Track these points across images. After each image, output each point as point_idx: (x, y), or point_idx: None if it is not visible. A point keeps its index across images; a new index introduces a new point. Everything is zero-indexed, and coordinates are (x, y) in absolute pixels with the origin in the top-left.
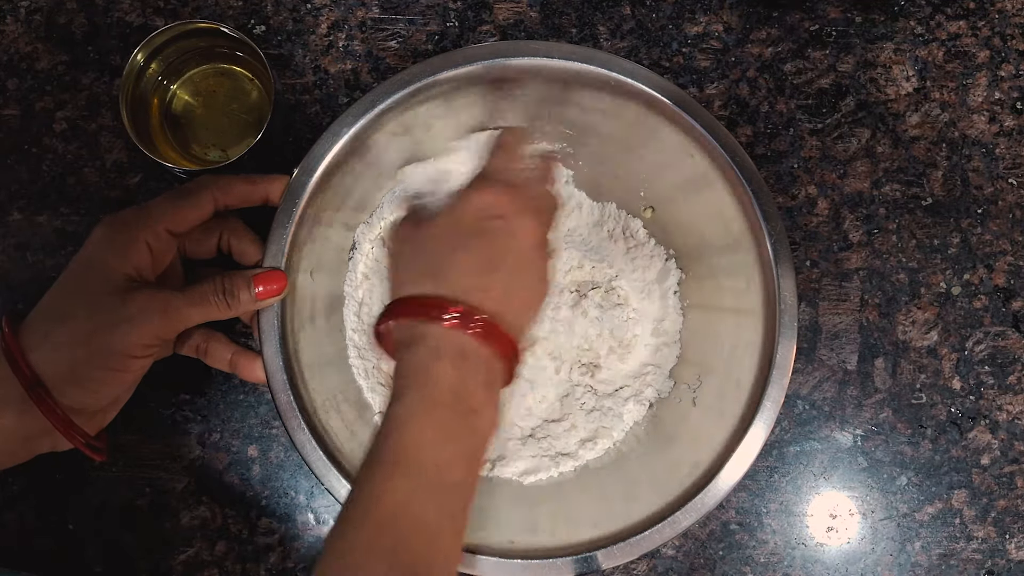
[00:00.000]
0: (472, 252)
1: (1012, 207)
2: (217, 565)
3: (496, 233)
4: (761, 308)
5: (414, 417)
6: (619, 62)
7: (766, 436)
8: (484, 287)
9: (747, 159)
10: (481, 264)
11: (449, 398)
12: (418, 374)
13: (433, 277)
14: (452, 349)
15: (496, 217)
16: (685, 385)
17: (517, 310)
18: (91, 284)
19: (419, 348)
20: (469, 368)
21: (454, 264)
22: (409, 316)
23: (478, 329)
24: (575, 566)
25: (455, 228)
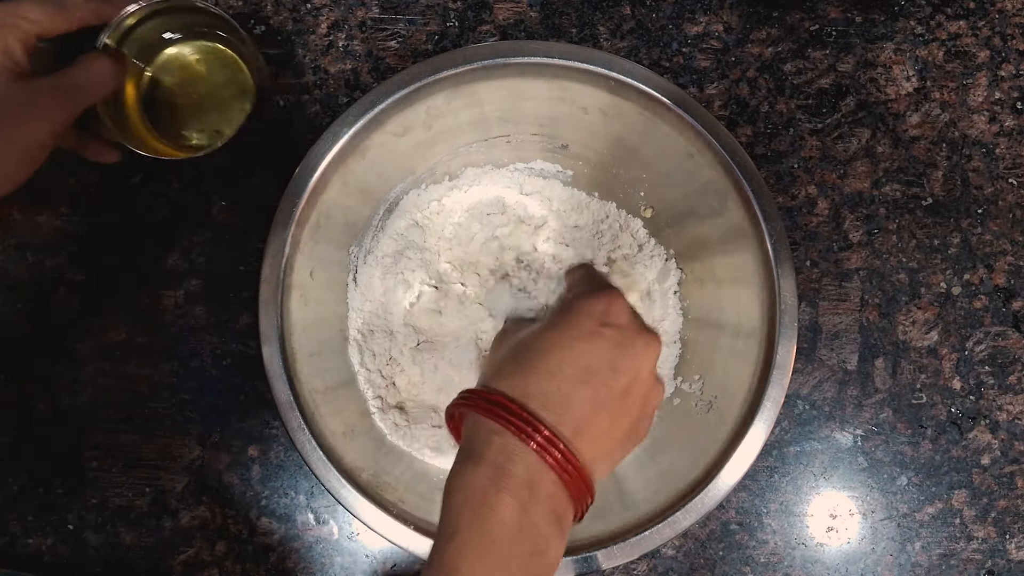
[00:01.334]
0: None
1: (1012, 207)
2: (217, 565)
3: (605, 341)
4: (761, 308)
5: (470, 564)
6: (619, 62)
7: (766, 436)
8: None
9: (747, 159)
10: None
11: (510, 538)
12: (476, 504)
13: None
14: (522, 475)
15: (608, 325)
16: (686, 385)
17: (602, 444)
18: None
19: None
20: (537, 501)
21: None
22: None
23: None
24: (575, 566)
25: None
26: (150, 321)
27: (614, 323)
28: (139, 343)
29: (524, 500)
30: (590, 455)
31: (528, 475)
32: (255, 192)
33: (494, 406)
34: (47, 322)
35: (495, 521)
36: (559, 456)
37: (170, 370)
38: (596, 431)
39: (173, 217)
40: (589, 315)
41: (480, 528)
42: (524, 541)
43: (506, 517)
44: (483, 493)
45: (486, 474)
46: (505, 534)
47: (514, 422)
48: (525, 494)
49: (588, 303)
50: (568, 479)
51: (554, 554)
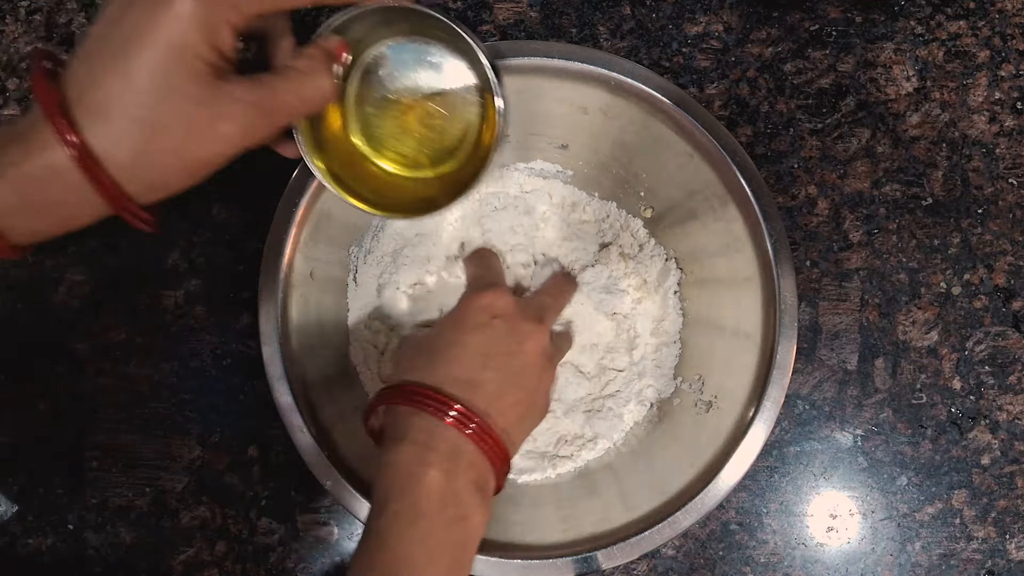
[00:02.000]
0: (468, 347)
1: (1012, 207)
2: (217, 565)
3: (496, 330)
4: (761, 308)
5: (398, 533)
6: (619, 62)
7: (766, 436)
8: (476, 383)
9: (747, 159)
10: (476, 359)
11: (436, 506)
12: (403, 479)
13: (428, 367)
14: (443, 448)
15: (496, 316)
16: (686, 385)
17: (510, 417)
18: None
19: (406, 446)
20: (459, 471)
21: (449, 357)
22: (404, 404)
23: (472, 429)
24: (575, 566)
25: (454, 325)
26: (150, 321)
27: (500, 314)
28: (139, 343)
29: (447, 471)
30: (503, 426)
31: (449, 448)
32: (255, 192)
33: (410, 394)
34: (47, 322)
35: (422, 492)
36: (475, 427)
37: (170, 370)
38: (503, 406)
39: (173, 217)
40: (479, 310)
41: (408, 499)
42: (448, 508)
43: (432, 487)
44: (409, 467)
45: (411, 451)
46: (431, 503)
47: (431, 404)
48: (448, 465)
49: (477, 300)
50: (486, 448)
51: (477, 521)
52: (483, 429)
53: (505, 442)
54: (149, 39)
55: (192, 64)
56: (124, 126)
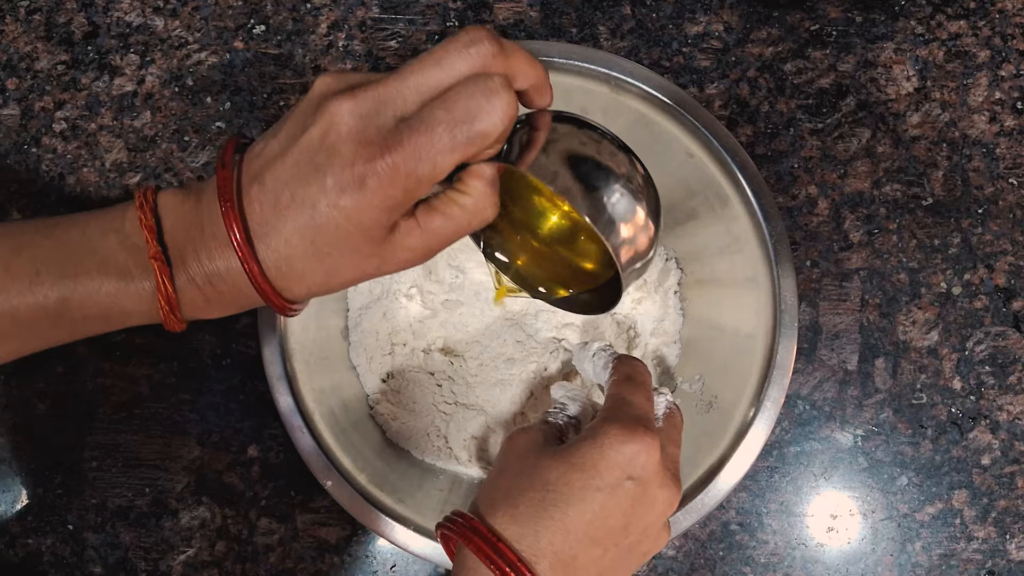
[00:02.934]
0: (586, 514)
1: (1012, 207)
2: (217, 565)
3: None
4: (761, 308)
5: None
6: (619, 62)
7: (766, 436)
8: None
9: (747, 159)
10: (588, 531)
11: None
12: None
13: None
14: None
15: (631, 478)
16: (686, 385)
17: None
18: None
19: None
20: None
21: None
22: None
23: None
24: None
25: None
26: None
27: (639, 476)
28: (139, 343)
29: None
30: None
31: None
32: None
33: (496, 555)
34: None
35: None
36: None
37: (170, 370)
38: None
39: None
40: (616, 464)
41: None
42: None
43: None
44: None
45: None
46: None
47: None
48: None
49: (619, 448)
50: None
51: None
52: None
53: None
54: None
55: (372, 232)
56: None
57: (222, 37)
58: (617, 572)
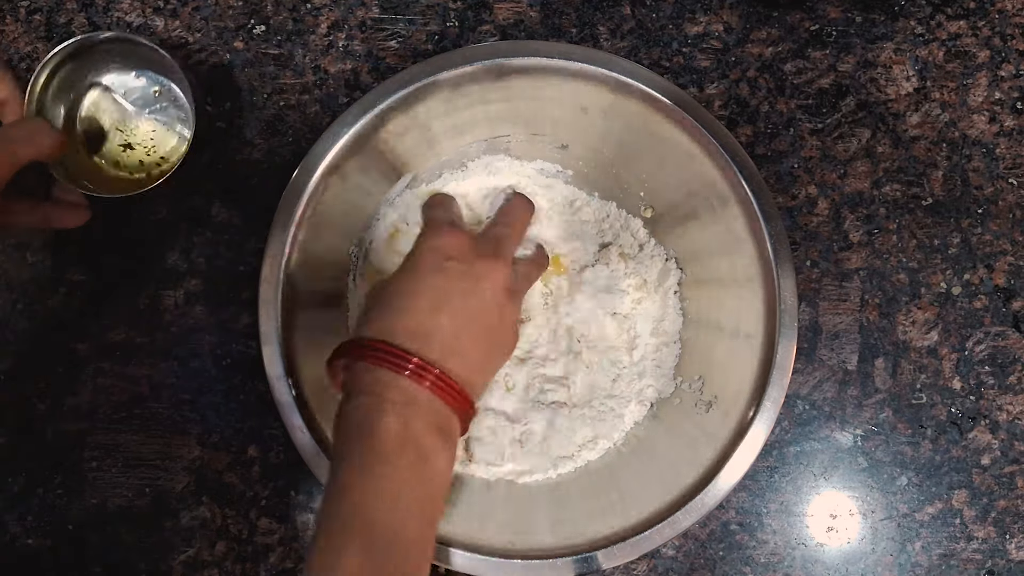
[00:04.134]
0: (421, 295)
1: (1012, 207)
2: (217, 565)
3: (450, 273)
4: (761, 308)
5: (360, 478)
6: (619, 62)
7: (766, 436)
8: (430, 331)
9: (747, 159)
10: (428, 305)
11: (394, 449)
12: (361, 427)
13: (381, 319)
14: (398, 398)
15: (450, 258)
16: (686, 385)
17: (471, 361)
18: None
19: (362, 398)
20: (416, 415)
21: (401, 307)
22: (359, 359)
23: (429, 380)
24: (575, 566)
25: (408, 272)
26: (150, 321)
27: (454, 255)
28: (139, 343)
29: (403, 416)
30: (463, 372)
31: (404, 397)
32: (255, 192)
33: (364, 349)
34: (47, 322)
35: (379, 438)
36: (433, 379)
37: (170, 370)
38: (462, 349)
39: (173, 217)
40: (431, 252)
41: (366, 445)
42: (408, 450)
43: (388, 432)
44: (365, 417)
45: (366, 403)
46: (389, 446)
47: (384, 359)
48: (404, 411)
49: (429, 242)
50: (445, 395)
51: (442, 461)
52: (438, 378)
53: (466, 386)
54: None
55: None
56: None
57: (222, 37)
58: (475, 332)
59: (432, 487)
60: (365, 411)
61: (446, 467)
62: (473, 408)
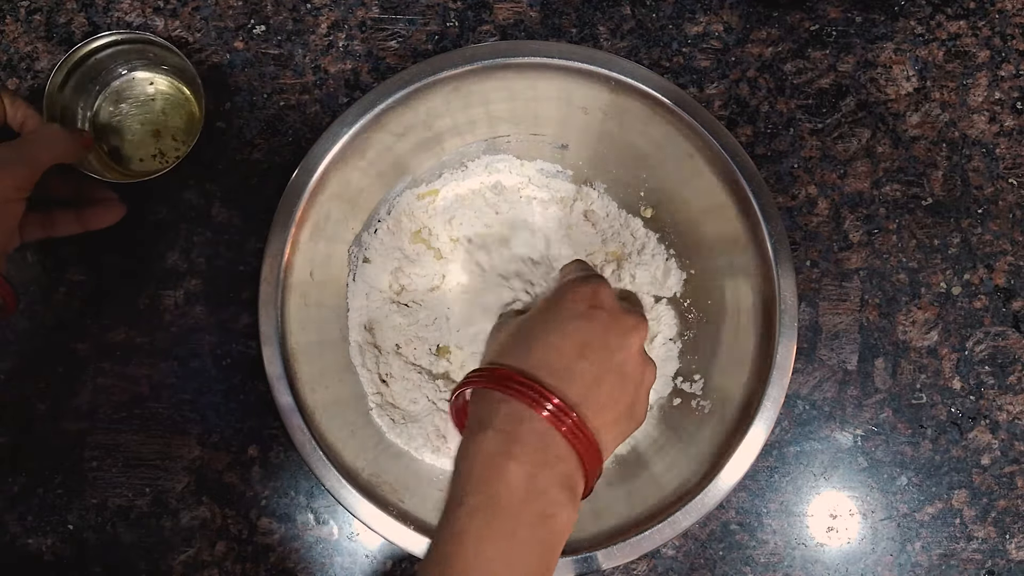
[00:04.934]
0: (567, 335)
1: (1012, 207)
2: (217, 565)
3: (597, 321)
4: (761, 308)
5: (477, 529)
6: (619, 62)
7: (766, 436)
8: (573, 373)
9: (747, 159)
10: (575, 348)
11: (519, 501)
12: (483, 469)
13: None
14: (531, 440)
15: (597, 307)
16: (686, 385)
17: (606, 417)
18: None
19: (490, 434)
20: (547, 464)
21: (545, 343)
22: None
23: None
24: (575, 566)
25: (552, 311)
26: (150, 321)
27: (602, 306)
28: (139, 343)
29: (533, 465)
30: (596, 425)
31: (537, 441)
32: (255, 192)
33: (501, 378)
34: (47, 322)
35: (503, 485)
36: (571, 424)
37: (170, 370)
38: (599, 402)
39: (173, 217)
40: (579, 299)
41: (488, 492)
42: (532, 505)
43: (514, 481)
44: (491, 459)
45: (495, 439)
46: (513, 498)
47: (523, 391)
48: (534, 458)
49: (577, 288)
50: (579, 445)
51: (564, 520)
52: (577, 424)
53: (598, 441)
54: None
55: None
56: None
57: (222, 37)
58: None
59: (551, 548)
60: (491, 451)
61: (567, 527)
62: (601, 466)
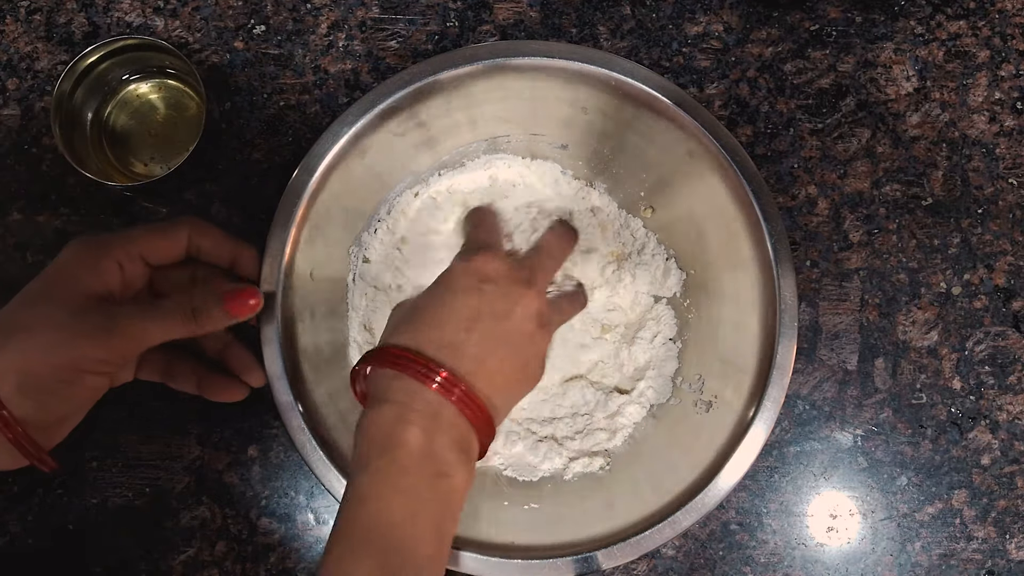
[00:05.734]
0: (454, 310)
1: (1012, 207)
2: (217, 565)
3: (484, 295)
4: (761, 308)
5: (381, 490)
6: (619, 62)
7: (766, 436)
8: (460, 347)
9: (747, 159)
10: (462, 322)
11: (416, 463)
12: (383, 438)
13: (412, 331)
14: (423, 409)
15: (486, 281)
16: (686, 385)
17: (496, 383)
18: (56, 296)
19: (388, 407)
20: (440, 429)
21: (433, 320)
22: (386, 366)
23: (455, 394)
24: (575, 566)
25: (442, 289)
26: None
27: (491, 278)
28: None
29: (427, 429)
30: (489, 392)
31: (429, 408)
32: (255, 192)
33: (393, 357)
34: None
35: (402, 450)
36: (459, 393)
37: None
38: (487, 370)
39: (173, 217)
40: (467, 272)
41: (389, 456)
42: (429, 465)
43: (412, 445)
44: (390, 427)
45: (392, 410)
46: (412, 460)
47: (412, 367)
48: (428, 425)
49: (466, 262)
50: (469, 412)
51: (459, 480)
52: (465, 394)
53: (488, 407)
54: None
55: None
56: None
57: (222, 37)
58: (504, 355)
59: (449, 505)
60: (389, 421)
61: (463, 486)
62: (493, 429)
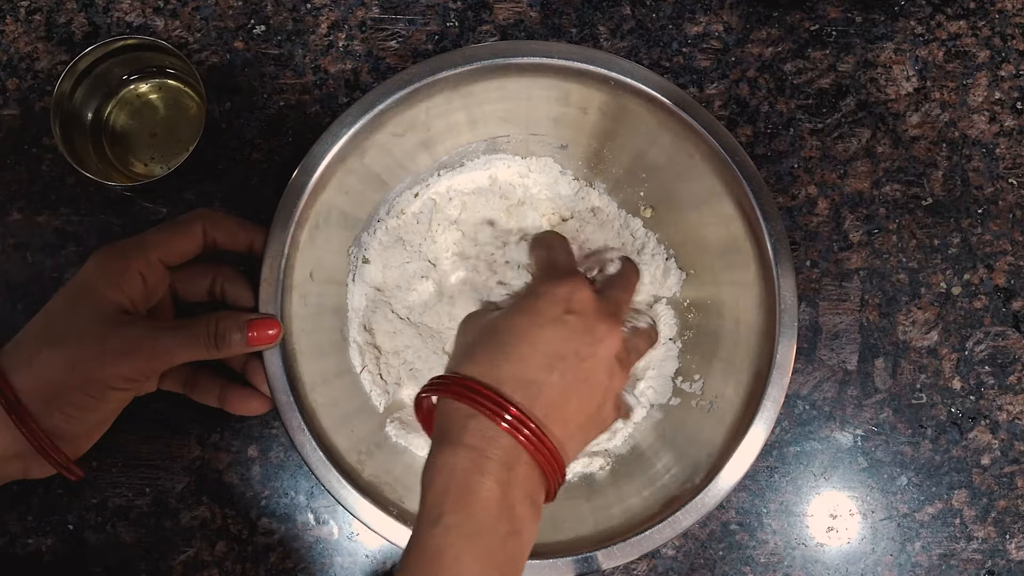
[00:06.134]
0: (537, 344)
1: (1012, 207)
2: (217, 565)
3: (569, 328)
4: (761, 308)
5: (457, 551)
6: (619, 62)
7: (766, 436)
8: (540, 386)
9: (747, 159)
10: (544, 358)
11: (492, 521)
12: (459, 488)
13: (490, 361)
14: (499, 456)
15: (572, 312)
16: (686, 385)
17: (570, 427)
18: (81, 311)
19: (463, 452)
20: (515, 482)
21: (515, 353)
22: (467, 403)
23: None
24: (575, 566)
25: (525, 316)
26: None
27: (577, 310)
28: None
29: (503, 482)
30: (561, 436)
31: (505, 457)
32: (255, 192)
33: (468, 390)
34: None
35: (478, 505)
36: (531, 436)
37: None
38: (565, 414)
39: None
40: (553, 302)
41: (465, 513)
42: (503, 522)
43: (487, 500)
44: (465, 476)
45: (467, 457)
46: (488, 518)
47: (487, 405)
48: (504, 476)
49: (553, 290)
50: (542, 459)
51: (528, 534)
52: (539, 438)
53: (560, 452)
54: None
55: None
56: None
57: (222, 37)
58: (581, 398)
59: (516, 565)
60: (464, 468)
61: (531, 540)
62: (563, 476)
